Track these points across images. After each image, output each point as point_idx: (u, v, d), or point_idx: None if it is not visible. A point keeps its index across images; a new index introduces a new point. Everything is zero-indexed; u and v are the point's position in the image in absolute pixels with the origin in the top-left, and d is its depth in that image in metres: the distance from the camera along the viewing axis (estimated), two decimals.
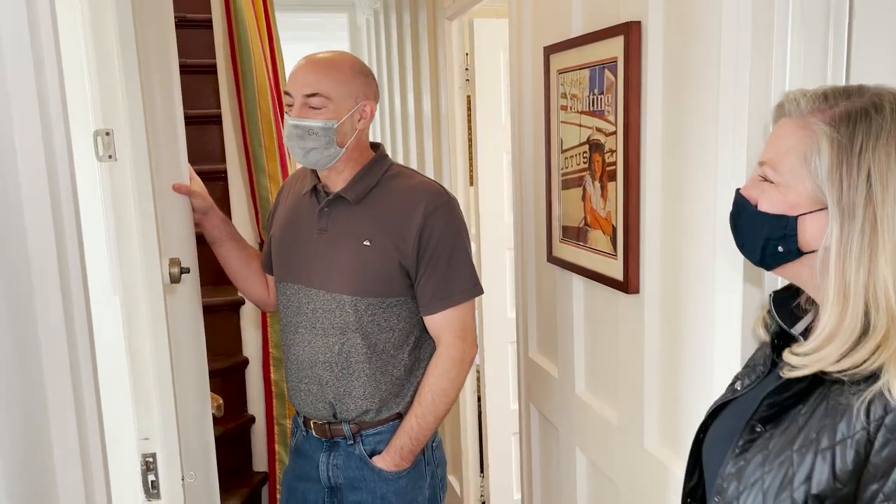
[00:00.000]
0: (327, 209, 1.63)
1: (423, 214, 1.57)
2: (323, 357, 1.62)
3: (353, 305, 1.58)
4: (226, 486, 2.61)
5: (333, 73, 1.56)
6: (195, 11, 3.00)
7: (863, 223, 0.74)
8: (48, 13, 0.66)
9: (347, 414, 1.63)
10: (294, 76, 1.58)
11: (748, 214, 0.84)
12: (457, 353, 1.62)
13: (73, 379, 0.69)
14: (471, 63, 2.77)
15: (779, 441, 0.80)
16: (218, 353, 2.66)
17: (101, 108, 1.24)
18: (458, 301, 1.61)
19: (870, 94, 0.77)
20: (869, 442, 0.72)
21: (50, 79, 0.66)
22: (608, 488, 1.68)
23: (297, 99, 1.55)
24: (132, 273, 1.31)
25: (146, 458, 1.33)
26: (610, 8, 1.50)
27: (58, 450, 0.67)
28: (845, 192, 0.74)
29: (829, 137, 0.76)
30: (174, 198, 1.61)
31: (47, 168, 0.65)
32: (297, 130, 1.55)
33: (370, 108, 1.61)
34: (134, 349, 1.33)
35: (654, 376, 1.46)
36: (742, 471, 0.83)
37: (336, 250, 1.60)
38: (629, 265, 1.47)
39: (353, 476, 1.65)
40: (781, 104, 0.82)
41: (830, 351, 0.76)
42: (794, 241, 0.80)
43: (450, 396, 1.63)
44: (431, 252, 1.58)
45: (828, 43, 1.09)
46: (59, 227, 0.67)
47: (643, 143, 1.42)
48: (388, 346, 1.61)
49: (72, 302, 0.69)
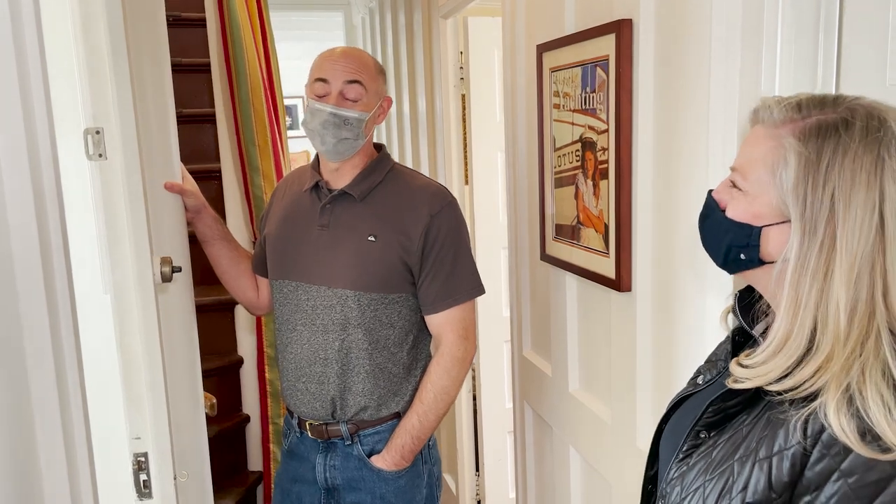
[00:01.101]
0: (330, 205, 1.63)
1: (429, 214, 1.59)
2: (324, 354, 1.61)
3: (356, 300, 1.58)
4: (220, 485, 2.60)
5: (367, 67, 1.59)
6: (189, 10, 3.00)
7: (822, 240, 0.73)
8: (31, 11, 0.66)
9: (347, 412, 1.63)
10: (331, 64, 1.57)
11: (715, 218, 0.84)
12: (459, 352, 1.63)
13: (58, 379, 0.68)
14: (465, 62, 2.77)
15: (722, 450, 0.81)
16: (212, 352, 2.66)
17: (90, 107, 1.24)
18: (460, 301, 1.63)
19: (844, 107, 0.76)
20: (805, 455, 0.73)
21: (34, 77, 0.66)
22: (601, 486, 1.68)
23: (336, 85, 1.56)
24: (123, 272, 1.30)
25: (138, 457, 1.32)
26: (602, 5, 1.49)
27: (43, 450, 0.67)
28: (808, 208, 0.74)
29: (796, 152, 0.75)
30: (166, 197, 1.61)
31: (31, 166, 0.65)
32: (335, 119, 1.55)
33: (388, 103, 1.66)
34: (125, 348, 1.33)
35: (646, 374, 1.46)
36: (685, 476, 0.84)
37: (339, 246, 1.60)
38: (621, 263, 1.47)
39: (352, 477, 1.65)
40: (756, 110, 0.82)
41: (774, 366, 0.77)
42: (756, 250, 0.80)
43: (451, 395, 1.64)
44: (437, 252, 1.59)
45: (818, 42, 1.09)
46: (43, 225, 0.67)
47: (635, 142, 1.42)
48: (388, 342, 1.62)
49: (56, 301, 0.69)
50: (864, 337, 0.72)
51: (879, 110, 0.75)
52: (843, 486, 0.70)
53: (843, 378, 0.71)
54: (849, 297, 0.72)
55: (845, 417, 0.70)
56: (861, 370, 0.71)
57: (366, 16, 4.18)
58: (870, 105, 0.76)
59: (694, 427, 0.86)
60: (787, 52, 1.08)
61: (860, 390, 0.70)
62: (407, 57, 3.25)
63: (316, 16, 5.10)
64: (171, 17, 2.91)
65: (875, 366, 0.71)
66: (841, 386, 0.71)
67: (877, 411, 0.69)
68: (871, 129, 0.73)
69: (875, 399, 0.69)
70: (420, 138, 3.15)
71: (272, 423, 2.69)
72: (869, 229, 0.72)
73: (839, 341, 0.73)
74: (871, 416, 0.69)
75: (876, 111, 0.75)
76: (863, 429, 0.69)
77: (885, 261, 0.72)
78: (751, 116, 0.83)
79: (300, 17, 5.18)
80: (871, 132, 0.73)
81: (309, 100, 1.60)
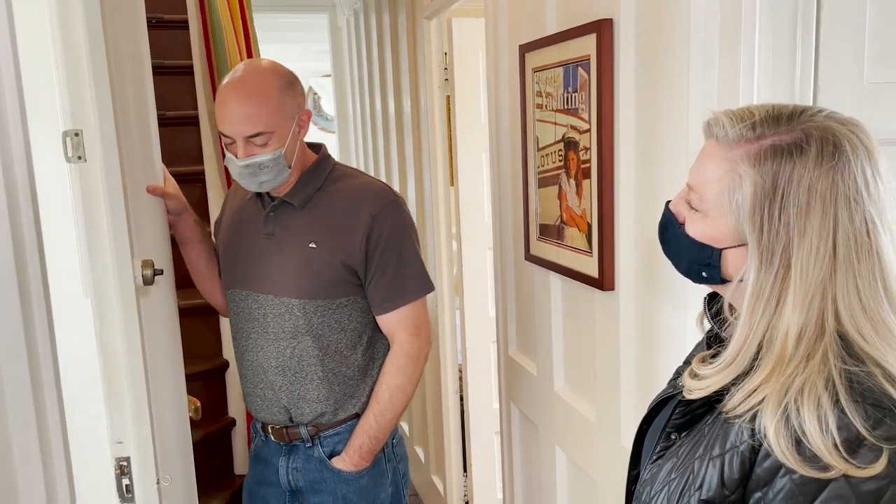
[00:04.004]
0: (273, 214, 1.63)
1: (370, 215, 1.57)
2: (276, 362, 1.62)
3: (301, 308, 1.58)
4: (206, 489, 2.59)
5: (266, 103, 1.50)
6: (172, 12, 2.98)
7: (778, 269, 0.74)
8: (3, 12, 0.65)
9: (303, 418, 1.63)
10: (227, 117, 1.51)
11: (675, 232, 0.86)
12: (412, 350, 1.63)
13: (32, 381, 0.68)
14: (450, 63, 2.77)
15: (686, 448, 0.82)
16: (198, 355, 2.65)
17: (69, 108, 1.23)
18: (410, 299, 1.62)
19: (801, 126, 0.75)
20: (753, 452, 0.73)
21: (6, 77, 0.65)
22: (587, 485, 1.68)
23: (239, 141, 1.50)
24: (104, 275, 1.29)
25: (120, 461, 1.31)
26: (582, 5, 1.50)
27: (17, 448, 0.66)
28: (765, 236, 0.75)
29: (752, 180, 0.75)
30: (147, 199, 1.60)
31: (3, 169, 0.65)
32: (249, 169, 1.52)
33: (307, 115, 1.59)
34: (106, 352, 1.32)
35: (629, 373, 1.47)
36: (655, 476, 0.85)
37: (283, 254, 1.60)
38: (604, 262, 1.47)
39: (314, 478, 1.66)
40: (709, 124, 0.81)
41: (713, 382, 0.78)
42: (717, 270, 0.82)
43: (407, 393, 1.64)
44: (381, 253, 1.58)
45: (796, 40, 1.10)
46: (17, 226, 0.66)
47: (616, 141, 1.42)
48: (340, 346, 1.61)
49: (31, 302, 0.68)
50: (809, 355, 0.73)
51: (834, 132, 0.74)
52: (788, 481, 0.71)
53: (781, 396, 0.72)
54: (800, 323, 0.73)
55: (784, 439, 0.70)
56: (801, 388, 0.71)
57: (350, 17, 4.18)
58: (824, 125, 0.75)
59: (665, 429, 0.87)
60: (766, 51, 1.09)
61: (798, 409, 0.70)
62: (392, 58, 3.25)
63: (301, 17, 5.08)
64: (153, 19, 2.90)
65: (817, 382, 0.71)
66: (780, 405, 0.71)
67: (813, 430, 0.69)
68: (826, 156, 0.73)
69: (811, 418, 0.69)
70: (405, 139, 3.15)
71: None
72: (823, 257, 0.73)
73: (781, 362, 0.73)
74: (808, 434, 0.69)
75: (830, 133, 0.74)
76: (801, 449, 0.69)
77: (836, 286, 0.73)
78: (704, 128, 0.82)
79: (285, 18, 5.16)
80: (826, 158, 0.73)
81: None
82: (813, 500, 0.69)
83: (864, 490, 0.68)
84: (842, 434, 0.68)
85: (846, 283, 0.73)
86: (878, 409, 0.69)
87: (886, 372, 0.71)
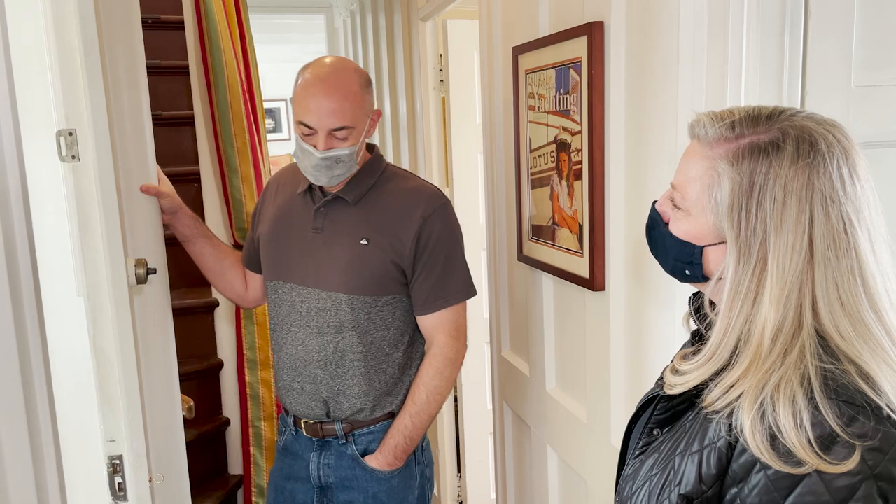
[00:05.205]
0: (324, 209, 1.63)
1: (422, 216, 1.59)
2: (318, 356, 1.62)
3: (349, 303, 1.59)
4: (200, 489, 2.59)
5: (351, 99, 1.52)
6: (168, 13, 2.98)
7: (755, 265, 0.76)
8: None
9: (341, 413, 1.64)
10: (312, 108, 1.51)
11: (660, 232, 0.87)
12: (451, 353, 1.64)
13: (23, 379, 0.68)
14: (445, 64, 2.77)
15: (668, 444, 0.83)
16: (192, 355, 2.65)
17: (63, 108, 1.23)
18: (452, 302, 1.64)
19: (779, 125, 0.77)
20: (730, 448, 0.74)
21: None
22: (578, 485, 1.69)
23: (322, 133, 1.51)
24: (97, 274, 1.30)
25: (112, 459, 1.32)
26: (574, 8, 1.51)
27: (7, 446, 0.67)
28: (743, 232, 0.76)
29: (729, 177, 0.77)
30: (141, 198, 1.60)
31: None
32: (327, 162, 1.53)
33: (377, 115, 1.63)
34: (99, 351, 1.32)
35: (619, 373, 1.48)
36: (637, 472, 0.86)
37: (332, 249, 1.61)
38: (595, 263, 1.48)
39: (345, 475, 1.66)
40: (692, 125, 0.83)
41: (694, 377, 0.79)
42: (699, 268, 0.83)
43: (443, 395, 1.65)
44: (429, 254, 1.60)
45: (783, 44, 1.11)
46: (8, 224, 0.67)
47: (607, 143, 1.43)
48: (383, 344, 1.63)
49: (21, 300, 0.69)
50: (786, 351, 0.74)
51: (811, 131, 0.76)
52: (763, 477, 0.71)
53: (758, 392, 0.72)
54: (776, 319, 0.74)
55: (759, 434, 0.71)
56: (777, 384, 0.72)
57: (347, 18, 4.19)
58: (802, 125, 0.77)
59: (647, 425, 0.88)
60: (754, 54, 1.10)
61: (773, 405, 0.71)
62: (388, 59, 3.25)
63: (298, 18, 5.09)
64: (149, 19, 2.90)
65: (793, 379, 0.72)
66: (756, 401, 0.72)
67: (787, 426, 0.70)
68: (802, 154, 0.75)
69: (787, 414, 0.70)
70: (401, 140, 3.16)
71: (252, 427, 2.68)
72: (799, 253, 0.74)
73: (758, 358, 0.74)
74: (783, 430, 0.70)
75: (807, 132, 0.76)
76: (776, 444, 0.70)
77: (814, 282, 0.74)
78: (688, 129, 0.84)
79: (282, 19, 5.17)
80: (802, 156, 0.74)
81: (296, 134, 1.57)
82: (787, 495, 0.70)
83: (837, 486, 0.68)
84: (816, 430, 0.69)
85: (825, 280, 0.74)
86: (852, 406, 0.70)
87: (861, 370, 0.72)
